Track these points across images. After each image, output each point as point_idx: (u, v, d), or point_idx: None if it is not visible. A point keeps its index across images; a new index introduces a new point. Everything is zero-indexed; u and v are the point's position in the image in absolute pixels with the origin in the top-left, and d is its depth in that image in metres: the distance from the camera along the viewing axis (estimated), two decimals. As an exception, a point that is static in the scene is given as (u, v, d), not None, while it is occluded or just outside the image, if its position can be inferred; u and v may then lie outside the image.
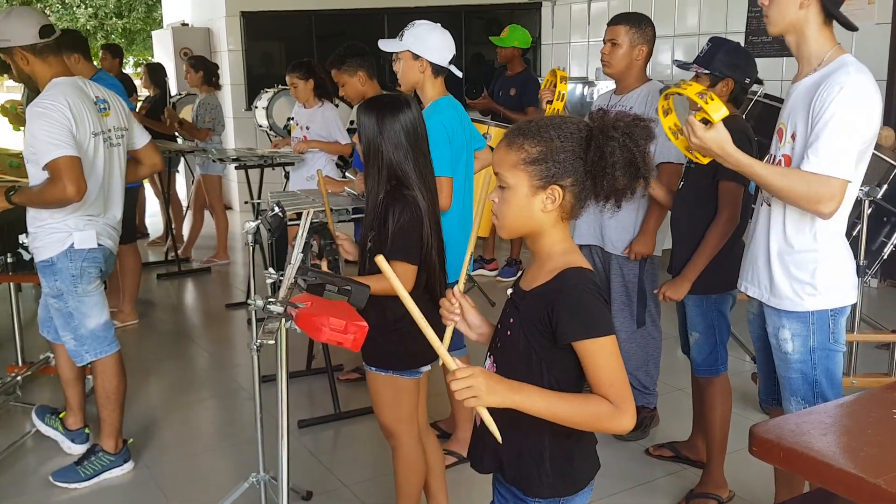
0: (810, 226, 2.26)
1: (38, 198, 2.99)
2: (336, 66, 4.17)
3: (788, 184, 2.15)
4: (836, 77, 2.13)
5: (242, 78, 8.92)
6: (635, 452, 3.43)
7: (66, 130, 2.91)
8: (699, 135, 2.14)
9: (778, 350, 2.39)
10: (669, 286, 2.93)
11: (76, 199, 2.91)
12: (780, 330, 2.35)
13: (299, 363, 4.33)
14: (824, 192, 2.11)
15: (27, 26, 3.01)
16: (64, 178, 2.86)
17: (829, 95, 2.11)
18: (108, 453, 3.29)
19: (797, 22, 2.23)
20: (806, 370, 2.33)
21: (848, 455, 1.55)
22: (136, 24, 20.37)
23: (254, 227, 2.79)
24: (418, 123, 2.47)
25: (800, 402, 2.36)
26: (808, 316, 2.30)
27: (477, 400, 1.46)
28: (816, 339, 2.31)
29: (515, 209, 1.60)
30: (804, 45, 2.25)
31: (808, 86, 2.22)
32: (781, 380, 2.42)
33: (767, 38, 6.03)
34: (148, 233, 7.99)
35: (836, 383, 2.34)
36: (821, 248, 2.26)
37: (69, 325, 3.16)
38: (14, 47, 3.01)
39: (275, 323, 1.88)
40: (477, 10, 8.83)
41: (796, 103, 2.25)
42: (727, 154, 2.15)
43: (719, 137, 2.13)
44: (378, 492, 3.17)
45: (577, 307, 1.54)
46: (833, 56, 2.21)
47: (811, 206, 2.15)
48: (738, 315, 3.01)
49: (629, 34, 3.30)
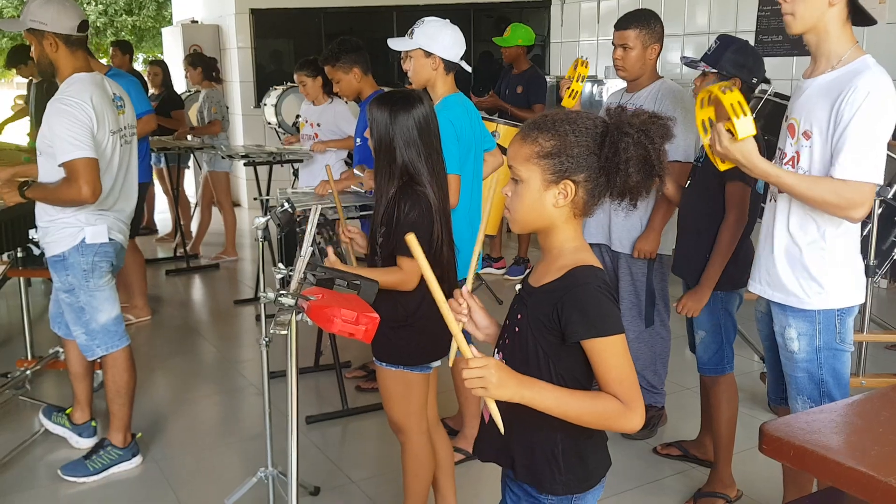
0: (818, 223, 2.25)
1: (53, 196, 3.00)
2: (330, 63, 4.13)
3: (819, 193, 2.14)
4: (860, 81, 2.11)
5: (252, 75, 8.94)
6: (643, 451, 3.42)
7: (88, 130, 2.92)
8: (724, 144, 2.13)
9: (784, 349, 2.38)
10: (690, 297, 2.89)
11: (91, 201, 2.92)
12: (786, 329, 2.35)
13: (307, 359, 4.34)
14: (856, 198, 2.11)
15: (68, 17, 3.02)
16: (80, 179, 2.87)
17: (856, 100, 2.09)
18: (116, 447, 3.31)
19: (823, 19, 2.20)
20: (811, 369, 2.33)
21: (859, 453, 1.55)
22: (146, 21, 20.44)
23: (263, 223, 2.80)
24: (431, 119, 2.46)
25: (806, 401, 2.36)
26: (815, 315, 2.29)
27: (486, 391, 1.46)
28: (822, 339, 2.30)
29: (528, 203, 1.59)
30: (825, 42, 2.23)
31: (826, 83, 2.20)
32: (787, 378, 2.42)
33: (778, 37, 6.01)
34: (157, 229, 8.02)
35: (842, 383, 2.33)
36: (828, 247, 2.25)
37: (80, 319, 3.17)
38: (47, 31, 3.01)
39: (286, 315, 1.88)
40: (485, 8, 8.82)
41: (812, 100, 2.23)
42: (753, 165, 2.14)
43: (745, 149, 2.12)
44: (386, 488, 3.17)
45: (587, 305, 1.53)
46: (853, 56, 2.19)
47: (842, 212, 2.14)
48: (747, 314, 3.00)
49: (640, 37, 3.27)
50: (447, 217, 2.49)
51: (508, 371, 1.49)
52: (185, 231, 7.02)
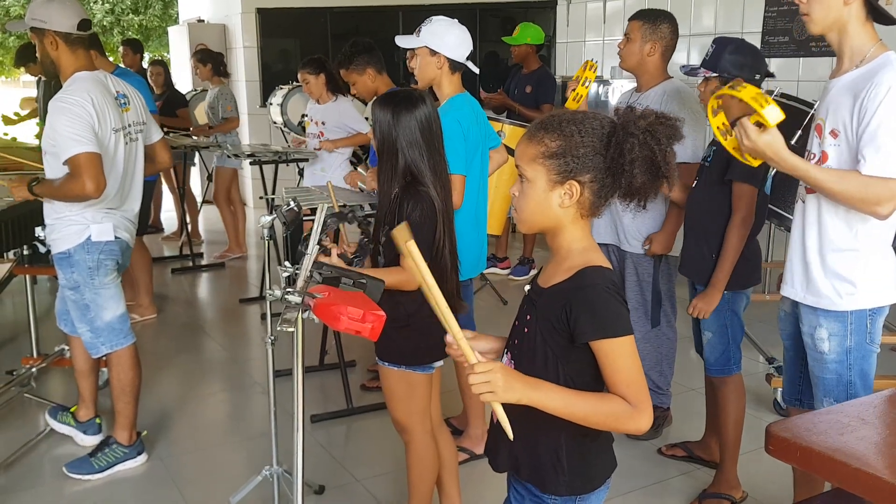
0: (852, 224, 2.22)
1: (58, 192, 3.01)
2: (344, 66, 4.15)
3: (846, 187, 2.12)
4: (882, 76, 2.10)
5: (257, 74, 8.95)
6: (648, 452, 3.42)
7: (88, 126, 2.93)
8: (752, 138, 2.10)
9: (813, 350, 2.35)
10: (700, 299, 2.89)
11: (95, 196, 2.93)
12: (817, 329, 2.31)
13: (312, 358, 4.34)
14: (883, 193, 2.09)
15: (67, 16, 3.04)
16: (83, 174, 2.88)
17: (878, 95, 2.08)
18: (121, 445, 3.31)
19: (841, 19, 2.19)
20: (841, 370, 2.30)
21: (865, 454, 1.55)
22: (152, 20, 20.46)
23: (269, 222, 2.80)
24: (433, 119, 2.46)
25: (832, 402, 2.31)
26: (847, 316, 2.26)
27: (493, 395, 1.45)
28: (853, 340, 2.27)
29: (533, 203, 1.59)
30: (847, 41, 2.21)
31: (850, 82, 2.18)
32: (815, 380, 2.38)
33: (784, 38, 5.99)
34: (163, 227, 8.03)
35: (868, 384, 2.31)
36: (862, 247, 2.23)
37: (85, 317, 3.18)
38: (48, 30, 3.03)
39: (293, 313, 1.88)
40: (492, 8, 8.81)
41: (836, 99, 2.21)
42: (782, 159, 2.12)
43: (773, 142, 2.09)
44: (390, 487, 3.18)
45: (596, 306, 1.53)
46: (876, 53, 2.18)
47: (869, 208, 2.13)
48: (753, 315, 3.00)
49: (641, 30, 3.31)
50: (450, 218, 2.48)
51: (514, 374, 1.49)
52: (192, 230, 7.03)
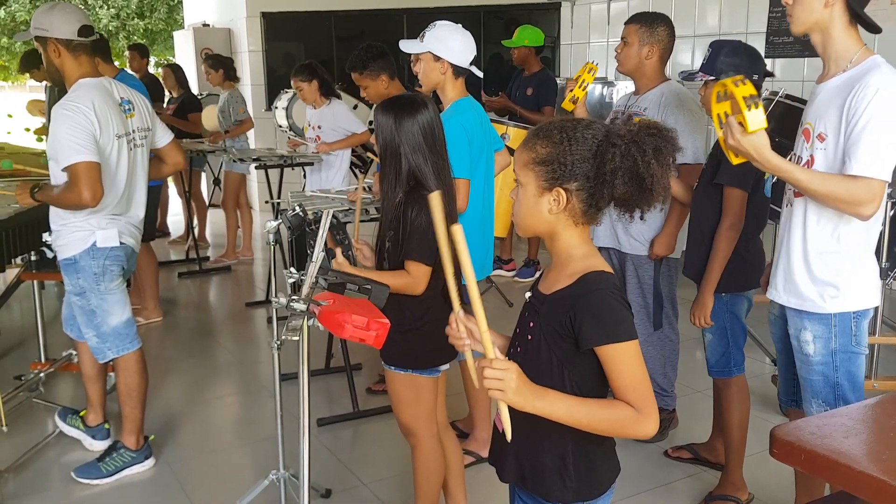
0: (834, 227, 2.24)
1: (57, 199, 3.04)
2: (358, 71, 4.13)
3: (829, 189, 2.13)
4: (870, 78, 2.11)
5: (262, 78, 8.97)
6: (654, 454, 3.42)
7: (89, 135, 2.95)
8: (737, 137, 2.12)
9: (799, 352, 2.38)
10: (695, 306, 2.90)
11: (92, 205, 2.95)
12: (802, 332, 2.34)
13: (318, 362, 4.35)
14: (864, 194, 2.10)
15: (68, 22, 3.07)
16: (81, 183, 2.90)
17: (866, 97, 2.09)
18: (129, 450, 3.33)
19: (822, 21, 2.20)
20: (827, 372, 2.32)
21: (870, 458, 1.55)
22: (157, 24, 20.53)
23: (274, 227, 2.81)
24: (436, 124, 2.47)
25: (821, 404, 2.35)
26: (831, 318, 2.29)
27: (502, 394, 1.45)
28: (838, 342, 2.29)
29: (525, 208, 1.61)
30: (830, 44, 2.23)
31: (837, 86, 2.19)
32: (802, 381, 2.41)
33: (789, 39, 5.99)
34: (169, 232, 8.05)
35: (857, 386, 2.33)
36: (844, 250, 2.25)
37: (92, 322, 3.20)
38: (50, 38, 3.06)
39: (298, 320, 1.89)
40: (496, 11, 8.82)
41: (824, 103, 2.23)
42: (765, 159, 2.13)
43: (757, 142, 2.11)
44: (397, 490, 3.18)
45: (600, 312, 1.53)
46: (862, 57, 2.18)
47: (852, 209, 2.14)
48: (760, 317, 2.99)
49: (638, 33, 3.30)
50: (454, 222, 2.49)
51: (527, 381, 1.48)
52: (199, 234, 7.05)
